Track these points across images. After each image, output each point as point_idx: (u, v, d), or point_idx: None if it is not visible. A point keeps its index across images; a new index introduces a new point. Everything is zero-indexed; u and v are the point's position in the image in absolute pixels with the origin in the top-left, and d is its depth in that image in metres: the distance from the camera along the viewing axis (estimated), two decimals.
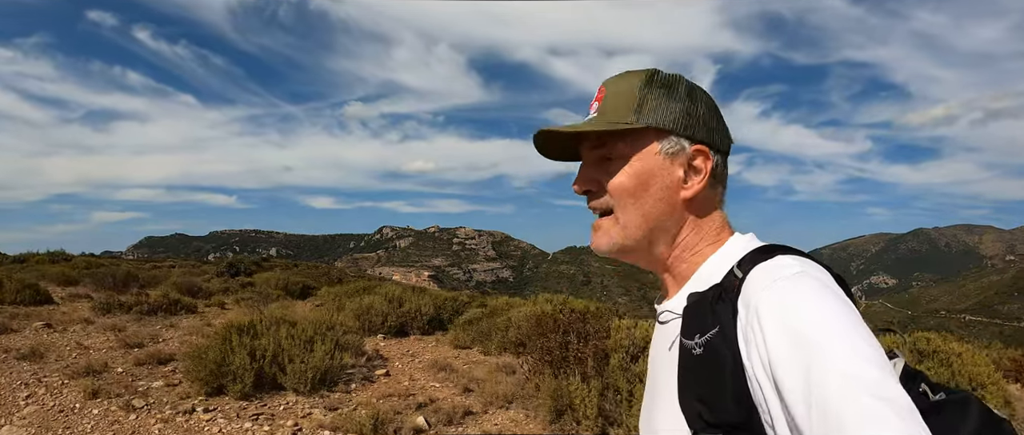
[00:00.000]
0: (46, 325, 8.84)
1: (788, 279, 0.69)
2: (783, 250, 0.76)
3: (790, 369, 0.62)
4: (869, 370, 0.59)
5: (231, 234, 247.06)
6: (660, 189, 0.83)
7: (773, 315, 0.66)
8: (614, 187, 0.84)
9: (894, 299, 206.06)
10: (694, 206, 0.85)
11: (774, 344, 0.64)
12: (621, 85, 0.86)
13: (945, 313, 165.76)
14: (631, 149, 0.84)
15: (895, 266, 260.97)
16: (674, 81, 0.85)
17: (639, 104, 0.83)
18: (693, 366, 0.73)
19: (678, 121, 0.83)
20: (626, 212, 0.84)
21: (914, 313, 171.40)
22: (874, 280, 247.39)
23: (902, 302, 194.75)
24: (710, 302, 0.74)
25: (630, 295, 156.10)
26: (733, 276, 0.74)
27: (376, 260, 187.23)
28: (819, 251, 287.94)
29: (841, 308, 0.65)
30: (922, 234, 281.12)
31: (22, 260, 17.69)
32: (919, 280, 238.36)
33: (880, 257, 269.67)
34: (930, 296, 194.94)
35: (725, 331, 0.70)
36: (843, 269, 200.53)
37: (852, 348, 0.61)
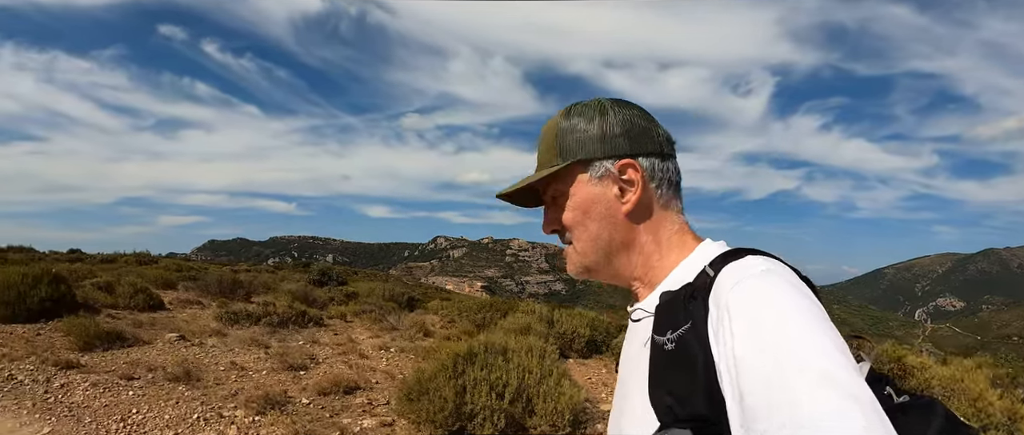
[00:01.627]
0: (180, 337, 7.64)
1: (757, 276, 0.71)
2: (754, 252, 0.78)
3: (756, 364, 0.63)
4: (834, 367, 0.60)
5: (290, 240, 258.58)
6: (601, 211, 0.89)
7: (742, 310, 0.68)
8: (567, 220, 0.92)
9: (962, 323, 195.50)
10: (641, 215, 0.89)
11: (741, 337, 0.66)
12: (546, 130, 0.94)
13: (1018, 339, 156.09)
14: (565, 186, 0.91)
15: (963, 288, 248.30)
16: (586, 108, 0.91)
17: (559, 145, 0.90)
18: (665, 361, 0.74)
19: (595, 146, 0.88)
20: (579, 240, 0.92)
21: (984, 338, 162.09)
22: (940, 302, 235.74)
23: (970, 327, 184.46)
24: (682, 300, 0.76)
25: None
26: (705, 275, 0.77)
27: (430, 269, 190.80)
28: (882, 271, 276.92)
29: (809, 306, 0.68)
30: (992, 254, 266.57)
31: (111, 260, 16.97)
32: (989, 303, 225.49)
33: (947, 278, 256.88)
34: (1001, 321, 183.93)
35: (697, 327, 0.72)
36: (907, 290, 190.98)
37: (818, 345, 0.62)
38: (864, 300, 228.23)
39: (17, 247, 17.40)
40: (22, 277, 8.27)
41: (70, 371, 5.98)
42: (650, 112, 0.91)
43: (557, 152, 0.90)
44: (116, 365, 6.35)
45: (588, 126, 0.89)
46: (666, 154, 0.91)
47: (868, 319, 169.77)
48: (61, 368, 5.99)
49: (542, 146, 0.93)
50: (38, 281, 8.37)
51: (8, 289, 8.08)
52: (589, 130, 0.89)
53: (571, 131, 0.90)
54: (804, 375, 0.59)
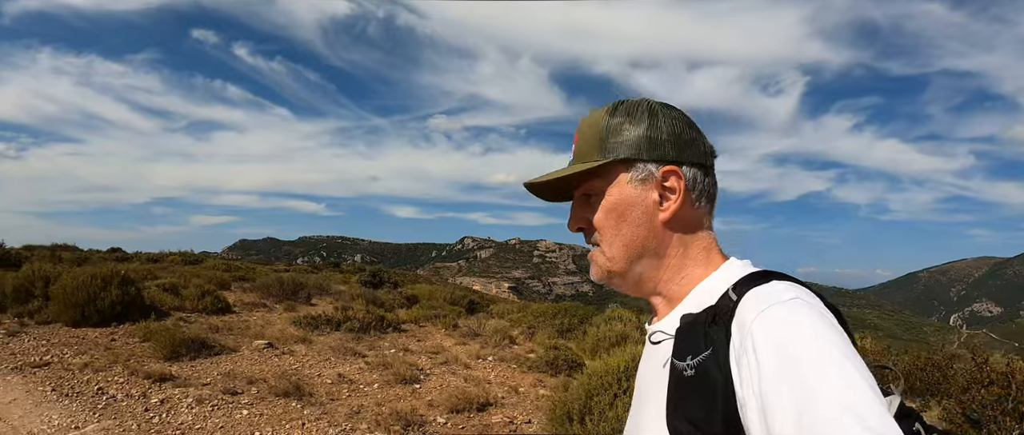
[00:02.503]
0: (268, 345, 6.96)
1: (784, 305, 0.68)
2: (779, 276, 0.76)
3: (782, 396, 0.61)
4: (862, 402, 0.58)
5: (319, 240, 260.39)
6: (638, 216, 0.85)
7: (768, 339, 0.65)
8: (599, 221, 0.87)
9: (999, 329, 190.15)
10: (676, 226, 0.86)
11: (767, 368, 0.63)
12: (589, 125, 0.89)
13: None
14: (604, 184, 0.87)
15: (1000, 293, 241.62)
16: (635, 107, 0.87)
17: (603, 140, 0.86)
18: (684, 387, 0.72)
19: (641, 147, 0.85)
20: (609, 243, 0.87)
21: (1022, 345, 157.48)
22: (976, 308, 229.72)
23: (1008, 333, 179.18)
24: (704, 324, 0.73)
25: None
26: (728, 299, 0.74)
27: (457, 270, 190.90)
28: (916, 275, 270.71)
29: (836, 338, 0.65)
30: None
31: (156, 259, 16.53)
32: None
33: (983, 283, 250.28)
34: None
35: (718, 354, 0.69)
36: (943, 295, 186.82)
37: (846, 379, 0.60)
38: (898, 304, 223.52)
39: (62, 245, 17.04)
40: (91, 278, 7.68)
41: (164, 384, 5.33)
42: (696, 122, 0.89)
43: (600, 148, 0.86)
44: (210, 376, 5.69)
45: (635, 127, 0.86)
46: (708, 167, 0.88)
47: (903, 325, 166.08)
48: (154, 381, 5.35)
49: (583, 139, 0.89)
50: (108, 283, 7.78)
51: (77, 291, 7.50)
52: (636, 131, 0.86)
53: (617, 129, 0.86)
54: (833, 415, 0.58)
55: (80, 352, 6.20)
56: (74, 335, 7.04)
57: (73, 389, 5.08)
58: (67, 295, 7.47)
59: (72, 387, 5.12)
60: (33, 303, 7.86)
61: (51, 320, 7.60)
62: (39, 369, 5.62)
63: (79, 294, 7.47)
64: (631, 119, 0.86)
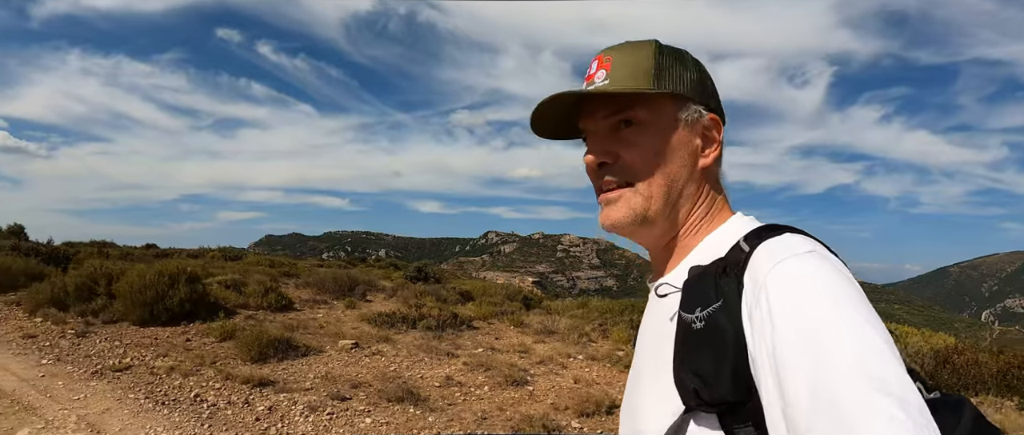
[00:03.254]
0: (355, 344, 6.51)
1: (799, 257, 0.65)
2: (792, 230, 0.73)
3: (798, 355, 0.59)
4: (881, 365, 0.56)
5: (344, 235, 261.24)
6: (683, 157, 0.82)
7: (782, 294, 0.62)
8: (640, 154, 0.81)
9: None
10: (709, 176, 0.85)
11: (782, 325, 0.61)
12: (630, 53, 0.82)
13: None
14: (652, 116, 0.81)
15: None
16: (682, 53, 0.85)
17: (656, 71, 0.80)
18: (692, 340, 0.69)
19: (694, 89, 0.82)
20: (651, 180, 0.81)
21: None
22: (1009, 304, 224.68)
23: None
24: (714, 275, 0.70)
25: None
26: (739, 250, 0.71)
27: (481, 264, 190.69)
28: (946, 270, 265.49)
29: (853, 293, 0.62)
30: None
31: (197, 255, 16.24)
32: None
33: (1016, 278, 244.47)
34: None
35: (729, 306, 0.67)
36: (974, 291, 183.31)
37: (864, 340, 0.57)
38: (927, 300, 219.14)
39: (99, 242, 16.80)
40: (157, 276, 7.28)
41: (263, 389, 4.90)
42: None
43: (652, 78, 0.79)
44: (308, 380, 5.25)
45: (686, 70, 0.82)
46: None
47: (933, 321, 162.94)
48: (253, 385, 4.92)
49: (622, 66, 0.80)
50: (175, 281, 7.38)
51: (145, 289, 7.11)
52: (689, 73, 0.82)
53: (669, 65, 0.81)
54: (851, 377, 0.55)
55: (160, 354, 5.79)
56: (145, 335, 6.64)
57: (167, 396, 4.65)
58: (134, 293, 7.08)
59: (165, 394, 4.69)
60: (96, 301, 7.49)
61: (117, 319, 7.22)
62: (121, 373, 5.21)
63: (147, 292, 7.08)
64: (681, 62, 0.83)
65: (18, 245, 10.96)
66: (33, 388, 4.78)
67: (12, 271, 9.53)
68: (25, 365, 5.39)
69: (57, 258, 10.94)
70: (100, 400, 4.54)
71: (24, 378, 5.01)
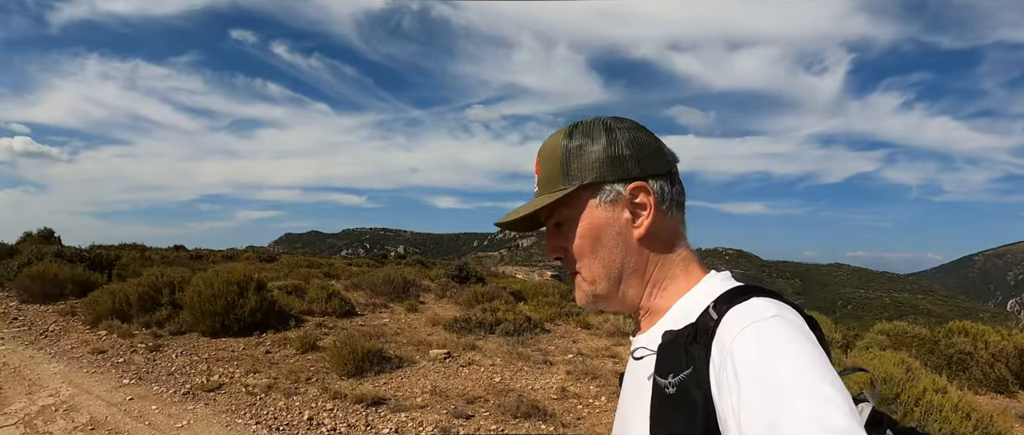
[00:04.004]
0: (447, 354, 6.08)
1: (762, 322, 0.70)
2: (759, 292, 0.76)
3: (758, 411, 0.63)
4: (835, 415, 0.60)
5: (362, 232, 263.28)
6: (612, 237, 0.85)
7: (747, 359, 0.67)
8: (574, 247, 0.87)
9: None
10: (652, 241, 0.86)
11: (746, 388, 0.65)
12: (548, 151, 0.89)
13: None
14: (573, 211, 0.87)
15: None
16: (590, 127, 0.88)
17: (564, 167, 0.86)
18: (665, 404, 0.73)
19: (604, 168, 0.85)
20: (589, 267, 0.87)
21: None
22: None
23: None
24: (684, 342, 0.74)
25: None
26: (709, 317, 0.75)
27: (499, 259, 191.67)
28: (971, 258, 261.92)
29: (813, 354, 0.67)
30: None
31: (231, 257, 15.92)
32: None
33: None
34: None
35: (698, 373, 0.71)
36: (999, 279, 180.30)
37: (820, 394, 0.62)
38: (951, 289, 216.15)
39: (130, 244, 16.49)
40: (226, 284, 6.88)
41: (379, 408, 4.48)
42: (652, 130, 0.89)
43: (562, 175, 0.86)
44: (415, 394, 4.85)
45: (594, 147, 0.86)
46: (673, 174, 0.88)
47: (957, 310, 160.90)
48: (367, 405, 4.49)
49: (544, 168, 0.90)
50: (244, 289, 6.98)
51: (214, 299, 6.70)
52: (596, 151, 0.85)
53: (577, 153, 0.86)
54: (803, 425, 0.60)
55: (248, 370, 5.38)
56: (220, 348, 6.24)
57: (278, 420, 4.24)
58: (203, 303, 6.69)
59: (275, 418, 4.28)
60: (160, 311, 7.11)
61: (185, 330, 6.83)
62: (215, 393, 4.81)
63: (217, 302, 6.68)
64: (589, 139, 0.86)
65: (61, 251, 10.61)
66: (126, 414, 4.38)
67: (59, 279, 9.20)
68: (106, 385, 5.00)
69: (101, 264, 10.59)
70: (206, 427, 4.13)
71: (111, 402, 4.62)
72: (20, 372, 5.41)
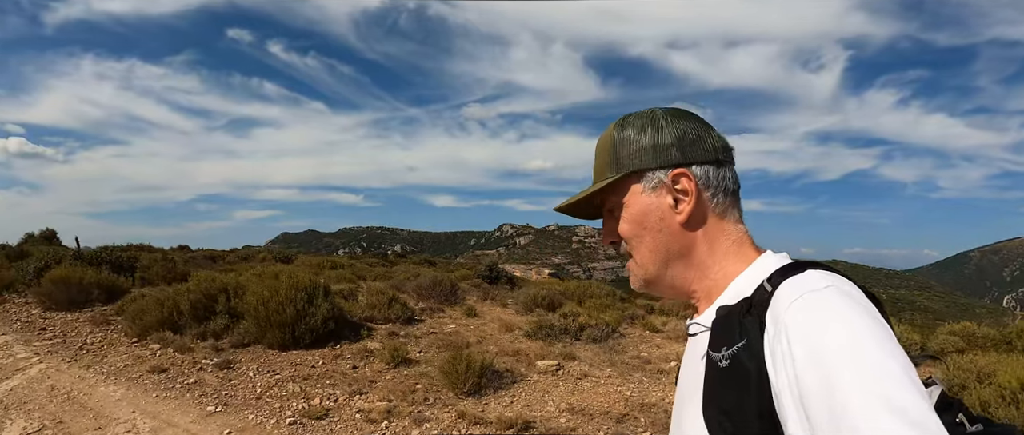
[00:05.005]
0: (557, 366, 5.46)
1: (818, 292, 0.69)
2: (814, 266, 0.77)
3: (817, 388, 0.61)
4: (898, 392, 0.58)
5: (359, 231, 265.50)
6: (656, 222, 0.88)
7: (801, 330, 0.66)
8: (624, 233, 0.91)
9: None
10: (696, 225, 0.87)
11: (801, 360, 0.64)
12: (600, 143, 0.95)
13: None
14: (620, 197, 0.91)
15: None
16: (639, 118, 0.91)
17: (612, 157, 0.90)
18: (719, 378, 0.74)
19: (647, 157, 0.88)
20: (638, 252, 0.91)
21: None
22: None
23: None
24: (738, 315, 0.75)
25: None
26: (763, 290, 0.75)
27: (497, 257, 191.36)
28: (967, 255, 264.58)
29: (873, 326, 0.65)
30: None
31: (247, 258, 15.19)
32: None
33: None
34: None
35: (751, 344, 0.71)
36: (995, 276, 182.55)
37: (882, 367, 0.60)
38: (948, 286, 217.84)
39: (137, 245, 15.67)
40: (292, 291, 6.20)
41: (528, 433, 3.81)
42: (706, 120, 0.92)
43: (611, 164, 0.91)
44: (553, 414, 4.22)
45: (639, 137, 0.89)
46: (722, 161, 0.89)
47: (953, 307, 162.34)
48: (517, 430, 3.84)
49: (597, 159, 0.94)
50: (312, 295, 6.29)
51: (282, 307, 6.01)
52: (640, 141, 0.89)
53: (624, 143, 0.90)
54: (867, 402, 0.57)
55: (351, 390, 4.72)
56: (297, 362, 5.57)
57: None
58: (270, 312, 5.99)
59: None
60: (215, 321, 6.41)
61: (249, 342, 6.14)
62: (324, 421, 4.14)
63: (285, 310, 5.99)
64: (635, 130, 0.89)
65: (80, 253, 9.84)
66: None
67: (84, 284, 8.45)
68: (189, 415, 4.33)
69: (122, 266, 9.84)
70: None
71: None
72: (76, 399, 4.72)
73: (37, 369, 5.56)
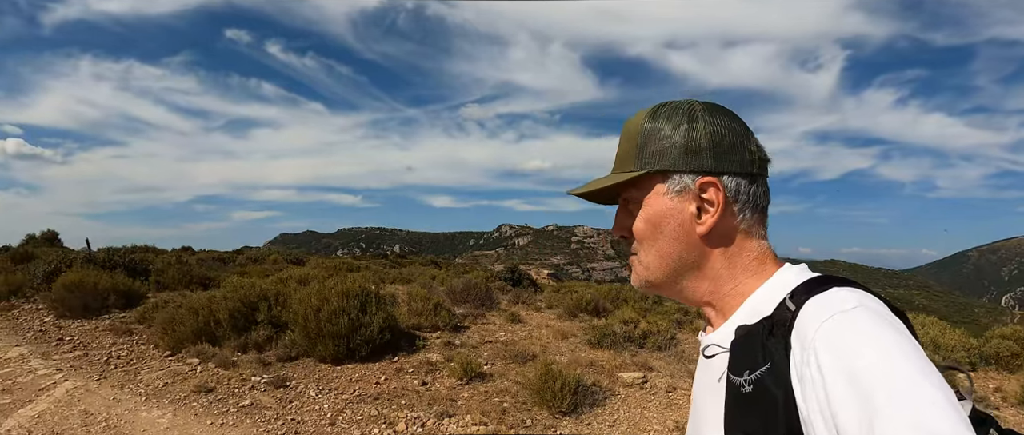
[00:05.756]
0: (643, 379, 5.02)
1: (846, 313, 0.65)
2: (839, 282, 0.72)
3: (852, 416, 0.58)
4: (936, 417, 0.55)
5: (358, 231, 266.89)
6: (674, 229, 0.82)
7: (832, 355, 0.62)
8: (636, 229, 0.86)
9: None
10: (718, 239, 0.82)
11: (834, 387, 0.60)
12: (629, 129, 0.87)
13: None
14: (640, 194, 0.85)
15: None
16: (675, 111, 0.84)
17: (640, 149, 0.83)
18: (741, 404, 0.69)
19: (677, 157, 0.81)
20: (646, 253, 0.85)
21: None
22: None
23: None
24: (761, 337, 0.70)
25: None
26: (785, 309, 0.71)
27: (495, 258, 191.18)
28: (965, 254, 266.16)
29: (905, 346, 0.62)
30: None
31: (257, 259, 14.70)
32: None
33: None
34: None
35: (777, 369, 0.67)
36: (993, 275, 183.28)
37: (918, 393, 0.57)
38: (946, 285, 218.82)
39: (141, 247, 15.10)
40: (344, 298, 5.70)
41: None
42: (747, 125, 0.84)
43: (637, 156, 0.83)
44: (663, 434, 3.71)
45: (673, 133, 0.82)
46: (755, 175, 0.82)
47: (952, 306, 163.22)
48: None
49: (623, 144, 0.87)
50: (364, 303, 5.80)
51: (334, 317, 5.51)
52: (673, 138, 0.82)
53: (654, 136, 0.83)
54: (905, 427, 0.54)
55: (437, 412, 4.24)
56: (357, 379, 5.09)
57: None
58: (322, 322, 5.49)
59: None
60: (256, 332, 5.90)
61: (296, 355, 5.63)
62: None
63: (339, 320, 5.49)
64: (669, 124, 0.82)
65: (92, 255, 9.28)
66: None
67: (99, 288, 7.92)
68: None
69: (136, 269, 9.30)
70: None
71: None
72: (118, 429, 4.22)
73: (64, 389, 5.03)
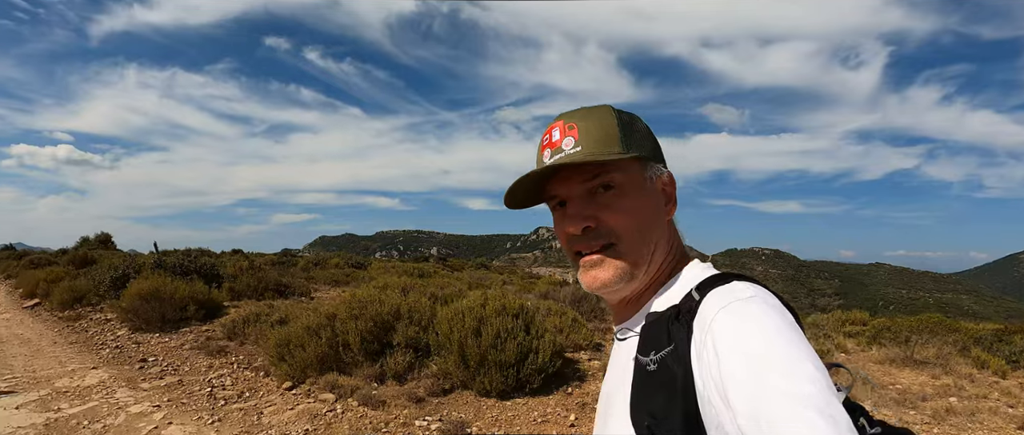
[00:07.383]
0: None
1: (743, 301, 0.74)
2: (739, 277, 0.82)
3: (741, 387, 0.66)
4: (815, 389, 0.63)
5: (396, 234, 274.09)
6: (656, 213, 0.90)
7: (727, 336, 0.71)
8: (621, 216, 0.87)
9: None
10: (671, 228, 0.93)
11: (727, 363, 0.68)
12: (595, 120, 0.89)
13: None
14: (626, 178, 0.88)
15: None
16: (633, 116, 0.92)
17: (622, 134, 0.88)
18: (646, 382, 0.77)
19: (652, 149, 0.91)
20: (633, 239, 0.87)
21: None
22: None
23: None
24: (667, 321, 0.79)
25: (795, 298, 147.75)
26: (691, 298, 0.79)
27: (533, 260, 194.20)
28: (1016, 257, 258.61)
29: (790, 332, 0.71)
30: None
31: (318, 263, 13.92)
32: None
33: None
34: None
35: (679, 350, 0.74)
36: None
37: (800, 369, 0.65)
38: (997, 290, 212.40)
39: (197, 250, 14.37)
40: (500, 315, 4.75)
41: None
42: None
43: (621, 141, 0.87)
44: None
45: (640, 126, 0.91)
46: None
47: (1003, 311, 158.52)
48: None
49: (590, 133, 0.87)
50: (528, 324, 4.86)
51: (500, 342, 4.56)
52: (643, 130, 0.91)
53: (631, 127, 0.89)
54: (786, 396, 0.62)
55: None
56: (538, 419, 4.13)
57: None
58: (484, 348, 4.55)
59: None
60: (392, 359, 4.98)
61: (450, 387, 4.70)
62: None
63: (507, 345, 4.56)
64: (635, 121, 0.90)
65: (161, 260, 8.46)
66: None
67: (177, 298, 7.09)
68: None
69: (211, 275, 8.47)
70: None
71: None
72: None
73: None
